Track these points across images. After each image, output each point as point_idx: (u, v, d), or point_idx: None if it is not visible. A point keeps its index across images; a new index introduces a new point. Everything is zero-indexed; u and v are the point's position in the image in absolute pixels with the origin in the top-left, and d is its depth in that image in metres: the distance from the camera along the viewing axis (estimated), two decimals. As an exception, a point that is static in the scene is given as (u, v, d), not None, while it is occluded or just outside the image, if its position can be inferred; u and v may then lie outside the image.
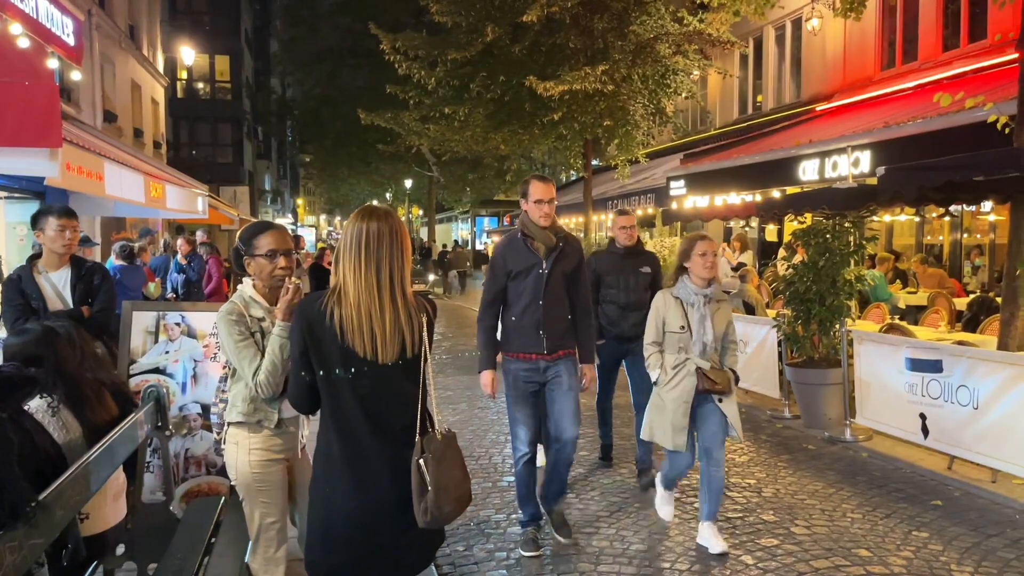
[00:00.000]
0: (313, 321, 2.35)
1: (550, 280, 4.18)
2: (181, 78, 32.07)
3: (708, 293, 4.26)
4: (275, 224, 3.14)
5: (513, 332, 4.26)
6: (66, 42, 8.44)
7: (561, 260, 4.21)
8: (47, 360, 2.93)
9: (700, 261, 4.24)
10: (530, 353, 4.21)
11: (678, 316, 4.24)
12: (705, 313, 4.22)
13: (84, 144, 7.30)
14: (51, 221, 4.29)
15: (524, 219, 4.28)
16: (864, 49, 13.77)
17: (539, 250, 4.19)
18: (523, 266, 4.19)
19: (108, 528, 3.06)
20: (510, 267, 4.22)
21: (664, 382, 4.28)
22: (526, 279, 4.18)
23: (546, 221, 4.18)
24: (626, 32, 13.26)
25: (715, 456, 4.29)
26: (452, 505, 2.37)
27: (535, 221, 4.21)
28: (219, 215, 16.49)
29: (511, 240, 4.33)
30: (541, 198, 4.17)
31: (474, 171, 27.51)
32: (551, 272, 4.18)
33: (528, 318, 4.18)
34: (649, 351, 4.38)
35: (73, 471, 2.37)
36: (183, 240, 10.92)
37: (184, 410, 4.12)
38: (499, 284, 4.28)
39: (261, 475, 2.93)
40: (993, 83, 9.34)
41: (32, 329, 3.06)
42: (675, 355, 4.26)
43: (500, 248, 4.38)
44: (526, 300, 4.18)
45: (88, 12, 13.98)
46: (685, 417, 4.21)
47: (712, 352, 4.24)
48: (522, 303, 4.20)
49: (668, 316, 4.28)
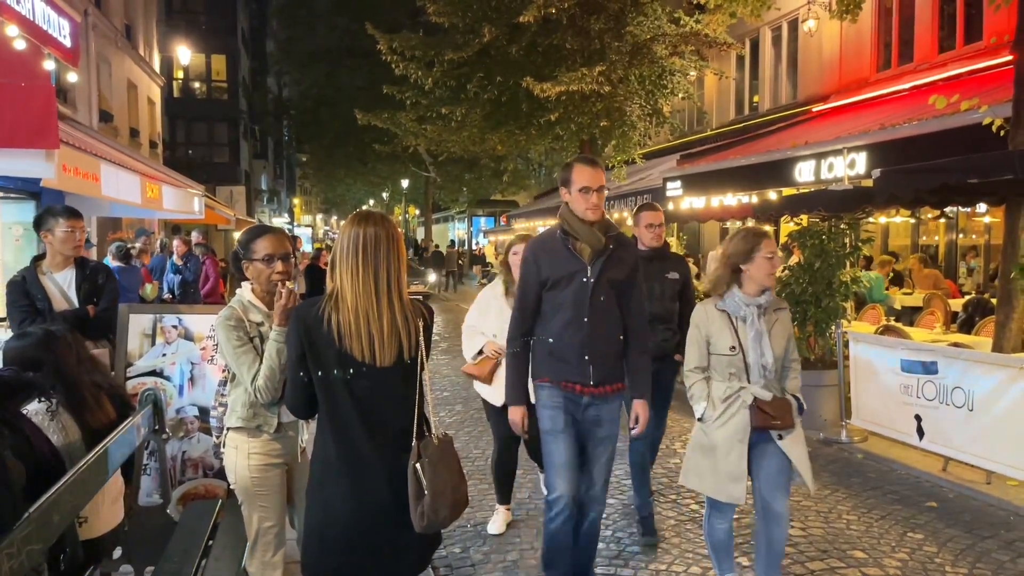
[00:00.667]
0: (311, 325, 2.37)
1: (597, 291, 3.35)
2: (177, 78, 32.02)
3: (763, 303, 3.43)
4: (273, 228, 3.15)
5: (548, 357, 3.43)
6: (63, 44, 8.43)
7: (611, 266, 3.38)
8: (47, 363, 2.93)
9: (766, 265, 3.40)
10: (570, 382, 3.40)
11: (727, 334, 3.43)
12: (761, 329, 3.40)
13: (80, 145, 7.30)
14: (60, 223, 4.30)
15: (565, 213, 3.42)
16: (860, 50, 13.80)
17: (583, 253, 3.36)
18: (562, 273, 3.36)
19: (106, 532, 3.06)
20: (546, 274, 3.38)
21: (712, 417, 3.47)
22: (566, 289, 3.36)
23: (594, 215, 3.33)
24: (623, 33, 13.28)
25: (775, 510, 3.45)
26: (448, 509, 2.39)
27: (580, 215, 3.35)
28: (215, 215, 16.47)
29: (547, 240, 3.48)
30: (588, 185, 3.32)
31: (471, 171, 27.55)
32: (598, 281, 3.35)
33: (568, 339, 3.36)
34: (692, 379, 3.55)
35: (71, 476, 2.37)
36: (179, 240, 10.91)
37: (181, 413, 4.12)
38: (531, 297, 3.44)
39: (260, 479, 2.94)
40: (989, 85, 9.37)
41: (32, 332, 3.06)
42: (725, 383, 3.45)
43: (532, 250, 3.48)
44: (566, 316, 3.36)
45: (84, 12, 13.95)
46: (742, 461, 3.39)
47: (771, 377, 3.43)
48: (561, 320, 3.37)
49: (714, 334, 3.46)
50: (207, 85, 33.33)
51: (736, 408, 3.42)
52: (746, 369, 3.41)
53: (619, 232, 3.49)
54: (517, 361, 3.52)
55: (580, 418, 3.44)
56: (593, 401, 3.41)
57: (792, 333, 3.59)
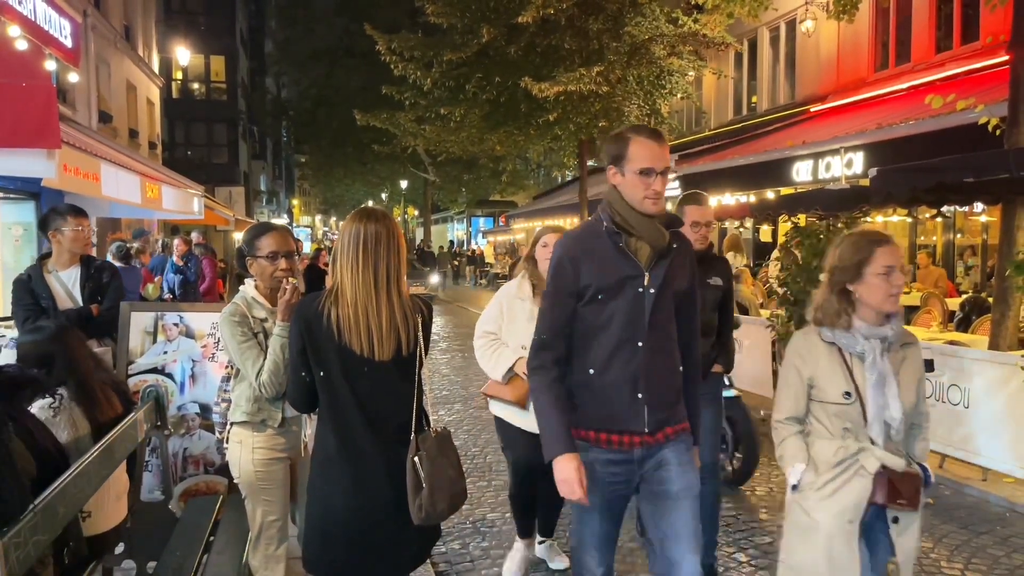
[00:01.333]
0: (311, 321, 2.40)
1: (657, 305, 2.50)
2: (176, 78, 32.04)
3: (888, 336, 2.54)
4: (277, 226, 3.19)
5: (588, 395, 2.54)
6: (64, 44, 8.46)
7: (675, 272, 2.55)
8: (59, 358, 2.96)
9: (881, 287, 2.50)
10: (620, 432, 2.52)
11: (838, 376, 2.56)
12: (885, 370, 2.51)
13: (80, 145, 7.33)
14: (69, 221, 4.36)
15: (614, 201, 2.54)
16: (857, 50, 13.85)
17: (640, 254, 2.51)
18: (610, 280, 2.49)
19: (110, 528, 3.09)
20: (586, 282, 2.50)
21: (813, 486, 2.58)
22: (613, 302, 2.49)
23: (655, 206, 2.49)
24: (621, 33, 13.32)
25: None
26: (447, 503, 2.43)
27: (637, 205, 2.49)
28: (215, 216, 16.50)
29: (587, 236, 2.59)
30: (651, 166, 2.46)
31: (470, 172, 27.57)
32: (660, 291, 2.50)
33: (617, 371, 2.49)
34: (784, 432, 2.70)
35: (76, 468, 2.40)
36: (179, 240, 10.94)
37: (183, 410, 4.15)
38: (564, 312, 2.54)
39: (264, 473, 2.98)
40: (985, 85, 9.41)
41: (46, 327, 3.09)
42: (835, 441, 2.58)
43: (566, 248, 2.57)
44: (614, 339, 2.49)
45: (84, 13, 13.97)
46: (854, 551, 2.51)
47: (897, 437, 2.56)
48: (607, 345, 2.50)
49: (820, 375, 2.60)
50: (206, 86, 33.34)
51: (849, 476, 2.53)
52: (865, 424, 2.53)
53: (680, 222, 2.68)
54: (552, 392, 2.52)
55: (637, 477, 2.57)
56: (652, 451, 2.54)
57: (924, 376, 2.70)
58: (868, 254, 2.52)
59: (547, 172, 28.72)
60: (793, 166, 10.08)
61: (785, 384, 2.71)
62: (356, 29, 21.78)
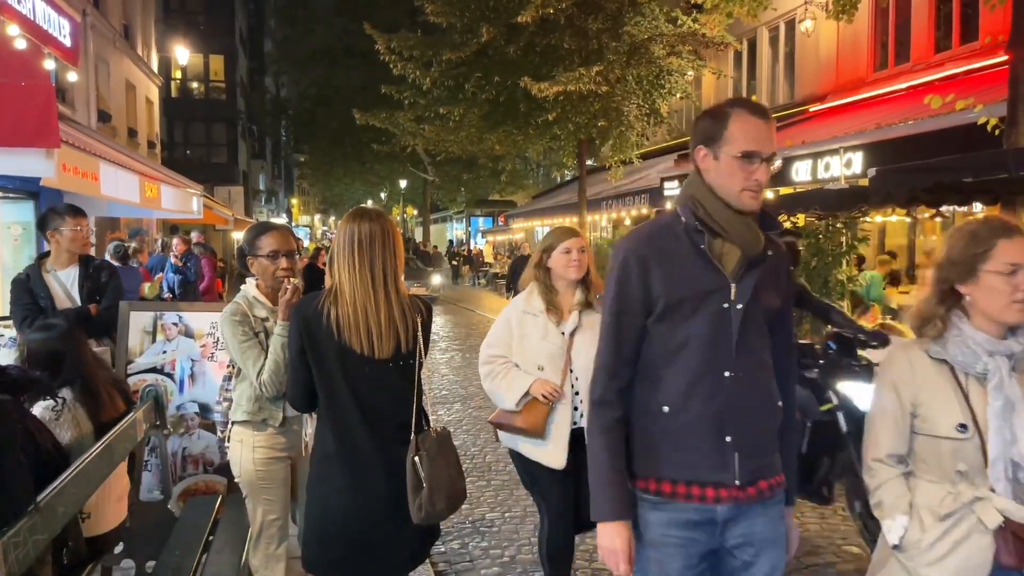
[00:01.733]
0: (310, 320, 2.41)
1: (747, 325, 1.98)
2: (175, 78, 32.03)
3: (1017, 352, 2.03)
4: (278, 225, 3.20)
5: (661, 437, 2.01)
6: (63, 43, 8.46)
7: (766, 285, 2.01)
8: (69, 357, 2.96)
9: (1005, 289, 1.99)
10: (702, 484, 1.98)
11: (952, 402, 2.04)
12: (1014, 396, 2.00)
13: (80, 144, 7.33)
14: (68, 221, 4.36)
15: (698, 192, 2.02)
16: (857, 50, 13.85)
17: (726, 259, 1.99)
18: (689, 291, 1.98)
19: (110, 529, 3.09)
20: (657, 292, 1.99)
21: (921, 544, 2.06)
22: (694, 319, 1.98)
23: (756, 202, 1.97)
24: (620, 33, 13.32)
25: None
26: (446, 502, 2.43)
27: (731, 198, 1.97)
28: (214, 215, 16.51)
29: (661, 234, 2.04)
30: (756, 150, 1.95)
31: (469, 171, 27.58)
32: (749, 308, 1.98)
33: (698, 408, 1.97)
34: (881, 475, 2.16)
35: (75, 467, 2.41)
36: (178, 240, 10.94)
37: (182, 409, 4.15)
38: (632, 330, 2.03)
39: (265, 472, 2.98)
40: (984, 85, 9.41)
41: (56, 325, 3.08)
42: (946, 487, 2.06)
43: (636, 250, 2.03)
44: (693, 367, 1.98)
45: (83, 12, 13.97)
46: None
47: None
48: (684, 374, 1.99)
49: (926, 401, 2.08)
50: (205, 85, 33.34)
51: (965, 531, 2.01)
52: (985, 464, 1.99)
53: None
54: (611, 435, 2.01)
55: (717, 543, 2.00)
56: (740, 511, 1.97)
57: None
58: (990, 246, 2.01)
59: (546, 172, 28.73)
60: (792, 166, 10.08)
61: (881, 413, 2.17)
62: (355, 28, 21.78)
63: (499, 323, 3.40)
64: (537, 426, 3.14)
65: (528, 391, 3.15)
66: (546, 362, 3.17)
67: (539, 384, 3.14)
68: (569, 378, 3.16)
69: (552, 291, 3.26)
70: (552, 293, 3.26)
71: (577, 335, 3.20)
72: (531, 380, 3.16)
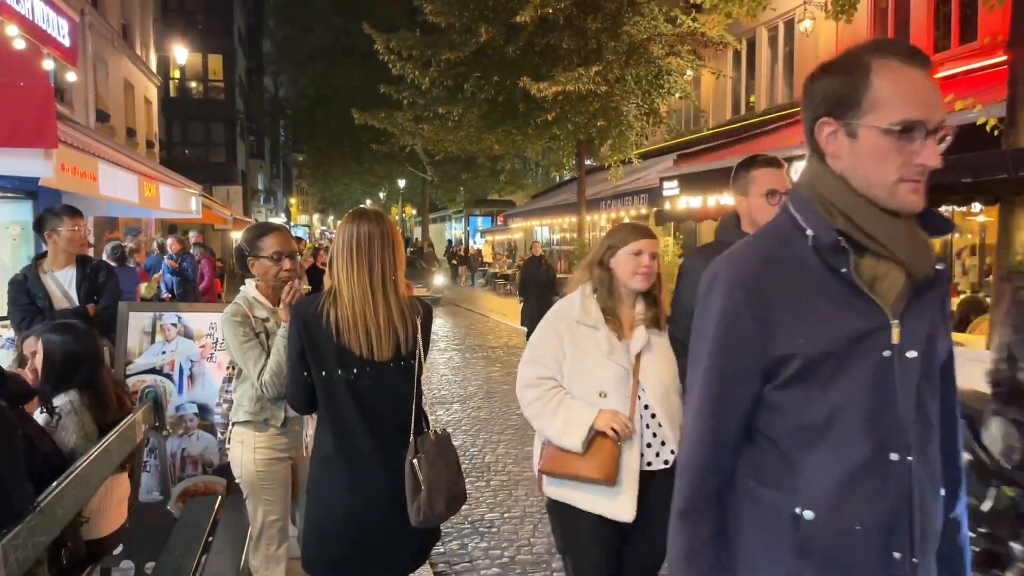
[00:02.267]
0: (309, 322, 2.41)
1: (922, 383, 1.37)
2: (174, 77, 32.01)
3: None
4: (279, 226, 3.19)
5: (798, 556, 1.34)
6: (61, 43, 8.45)
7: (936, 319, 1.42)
8: (86, 359, 2.96)
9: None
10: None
11: None
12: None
13: (78, 144, 7.32)
14: (65, 222, 4.34)
15: (829, 187, 1.43)
16: (856, 50, 13.86)
17: (883, 287, 1.36)
18: (830, 341, 1.33)
19: (111, 532, 3.09)
20: (785, 345, 1.34)
21: None
22: (840, 380, 1.33)
23: (916, 197, 1.43)
24: (619, 33, 13.33)
25: None
26: (445, 504, 2.42)
27: (878, 194, 1.39)
28: (212, 215, 16.50)
29: (779, 256, 1.40)
30: (916, 117, 1.39)
31: (468, 171, 27.57)
32: (924, 356, 1.37)
33: (856, 511, 1.32)
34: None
35: (74, 469, 2.40)
36: (173, 240, 10.95)
37: (181, 410, 4.14)
38: (743, 401, 1.39)
39: (266, 473, 2.98)
40: (983, 85, 9.42)
41: (75, 326, 3.07)
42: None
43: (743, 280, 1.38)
44: (849, 451, 1.33)
45: (81, 12, 13.96)
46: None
47: None
48: (836, 461, 1.33)
49: None
50: (204, 85, 33.32)
51: None
52: None
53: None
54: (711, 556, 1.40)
55: None
56: None
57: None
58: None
59: (545, 172, 28.69)
60: (793, 166, 10.09)
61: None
62: (354, 28, 21.78)
63: (546, 337, 2.66)
64: (610, 471, 2.47)
65: (593, 426, 2.48)
66: (611, 387, 2.52)
67: (607, 416, 2.47)
68: (638, 407, 2.53)
69: (615, 298, 2.61)
70: (615, 301, 2.61)
71: (644, 356, 2.56)
72: (595, 412, 2.49)
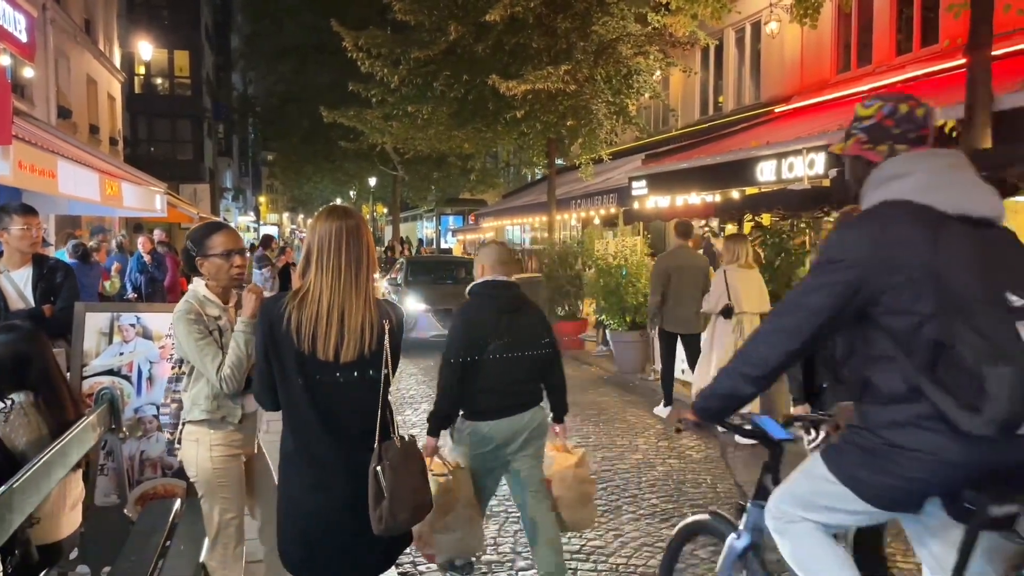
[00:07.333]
0: (273, 322, 2.38)
1: None
2: (139, 73, 31.52)
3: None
4: (226, 224, 3.16)
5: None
6: (18, 39, 8.28)
7: None
8: (36, 359, 2.89)
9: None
10: None
11: None
12: None
13: (36, 141, 7.17)
14: (16, 220, 4.24)
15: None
16: (820, 53, 14.04)
17: None
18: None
19: (65, 537, 3.02)
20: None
21: None
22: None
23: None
24: (589, 33, 13.35)
25: None
26: (408, 513, 2.39)
27: None
28: (178, 213, 16.25)
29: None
30: None
31: (439, 169, 27.44)
32: None
33: None
34: None
35: (24, 473, 2.34)
36: (144, 238, 10.77)
37: (139, 412, 4.06)
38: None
39: (222, 471, 2.95)
40: (944, 87, 9.59)
41: (21, 327, 3.00)
42: None
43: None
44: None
45: (42, 6, 13.67)
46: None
47: None
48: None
49: None
50: (169, 81, 32.86)
51: None
52: None
53: None
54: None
55: None
56: None
57: None
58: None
59: (516, 171, 28.69)
60: (757, 166, 10.19)
61: None
62: (325, 25, 21.56)
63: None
64: None
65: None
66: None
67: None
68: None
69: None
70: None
71: None
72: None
